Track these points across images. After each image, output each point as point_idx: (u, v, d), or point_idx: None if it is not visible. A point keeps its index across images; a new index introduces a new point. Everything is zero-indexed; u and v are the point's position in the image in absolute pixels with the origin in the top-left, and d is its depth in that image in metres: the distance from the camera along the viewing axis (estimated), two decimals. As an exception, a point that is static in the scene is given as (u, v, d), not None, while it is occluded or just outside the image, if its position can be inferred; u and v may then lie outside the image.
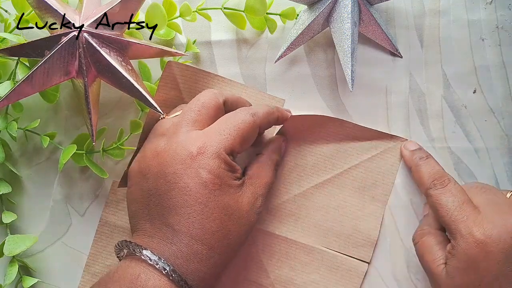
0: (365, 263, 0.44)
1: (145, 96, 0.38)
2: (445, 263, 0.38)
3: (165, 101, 0.42)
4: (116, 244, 0.37)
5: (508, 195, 0.40)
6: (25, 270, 0.45)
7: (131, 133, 0.43)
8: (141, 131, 0.42)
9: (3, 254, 0.41)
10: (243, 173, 0.39)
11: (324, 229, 0.44)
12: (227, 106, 0.40)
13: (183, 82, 0.43)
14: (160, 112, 0.38)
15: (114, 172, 0.45)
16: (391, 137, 0.45)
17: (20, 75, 0.41)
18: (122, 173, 0.44)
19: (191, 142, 0.36)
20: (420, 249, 0.41)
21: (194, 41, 0.45)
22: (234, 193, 0.37)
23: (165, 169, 0.36)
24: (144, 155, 0.38)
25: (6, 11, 0.43)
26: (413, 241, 0.43)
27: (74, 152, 0.41)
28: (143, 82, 0.43)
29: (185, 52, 0.44)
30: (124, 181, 0.43)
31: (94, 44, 0.38)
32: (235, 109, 0.40)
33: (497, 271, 0.36)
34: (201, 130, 0.37)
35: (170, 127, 0.38)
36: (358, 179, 0.44)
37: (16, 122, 0.42)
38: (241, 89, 0.44)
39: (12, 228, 0.44)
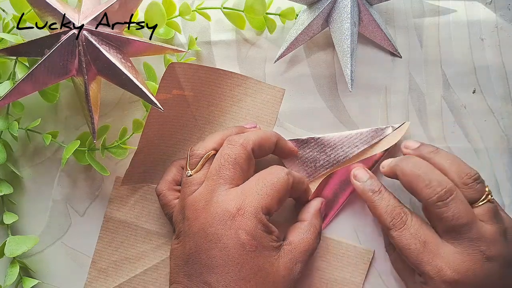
0: (370, 250, 0.44)
1: (145, 93, 0.38)
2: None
3: (166, 100, 0.42)
4: None
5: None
6: (25, 271, 0.44)
7: (133, 133, 0.43)
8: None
9: (3, 255, 0.41)
10: (284, 238, 0.39)
11: None
12: (255, 152, 0.40)
13: (186, 80, 0.43)
14: (160, 108, 0.38)
15: (115, 172, 0.45)
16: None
17: (19, 74, 0.41)
18: (123, 172, 0.44)
19: (230, 202, 0.37)
20: (394, 266, 0.43)
21: (196, 38, 0.45)
22: (269, 256, 0.37)
23: (206, 229, 0.37)
24: (185, 215, 0.39)
25: (3, 10, 0.43)
26: (387, 252, 0.44)
27: (76, 149, 0.41)
28: (148, 82, 0.43)
29: (187, 49, 0.44)
30: (127, 179, 0.44)
31: (94, 42, 0.38)
32: (263, 152, 0.41)
33: None
34: (237, 186, 0.38)
35: (206, 185, 0.38)
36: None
37: (18, 122, 0.42)
38: (241, 80, 0.45)
39: (11, 228, 0.44)
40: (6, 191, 0.43)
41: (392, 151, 0.44)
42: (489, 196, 0.39)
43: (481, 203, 0.39)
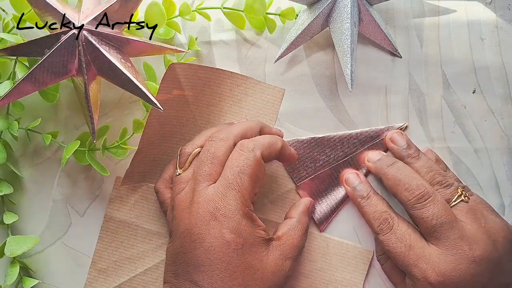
0: (370, 250, 0.44)
1: (145, 93, 0.38)
2: None
3: (167, 101, 0.42)
4: None
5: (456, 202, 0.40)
6: (25, 271, 0.44)
7: (133, 133, 0.43)
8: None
9: (3, 254, 0.41)
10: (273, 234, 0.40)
11: None
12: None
13: (186, 80, 0.43)
14: (160, 108, 0.38)
15: (115, 172, 0.45)
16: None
17: (19, 74, 0.41)
18: (123, 172, 0.44)
19: (209, 202, 0.37)
20: (386, 272, 0.43)
21: (196, 38, 0.45)
22: (258, 252, 0.37)
23: (191, 229, 0.37)
24: (174, 215, 0.39)
25: (3, 10, 0.43)
26: (378, 262, 0.44)
27: (76, 149, 0.41)
28: (148, 82, 0.43)
29: (188, 49, 0.44)
30: (127, 179, 0.44)
31: (94, 42, 0.38)
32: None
33: None
34: (214, 183, 0.38)
35: (190, 184, 0.39)
36: None
37: (18, 122, 0.42)
38: (241, 80, 0.45)
39: (11, 228, 0.44)
40: (6, 191, 0.43)
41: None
42: (462, 197, 0.40)
43: (453, 204, 0.40)
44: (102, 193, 0.45)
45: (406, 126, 0.45)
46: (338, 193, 0.45)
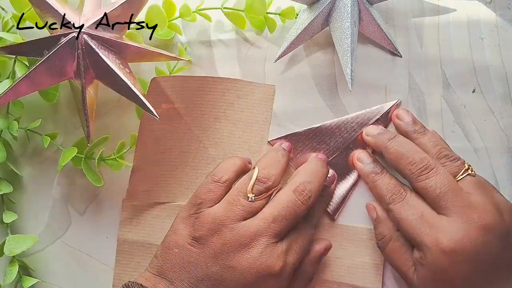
0: None
1: (141, 99, 0.38)
2: (415, 268, 0.40)
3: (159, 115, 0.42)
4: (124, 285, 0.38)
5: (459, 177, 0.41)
6: (24, 270, 0.44)
7: (130, 147, 0.43)
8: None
9: (3, 253, 0.41)
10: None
11: None
12: None
13: (174, 92, 0.43)
14: (156, 116, 0.38)
15: (112, 180, 0.45)
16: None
17: (19, 73, 0.41)
18: (120, 181, 0.44)
19: (275, 261, 0.38)
20: (388, 255, 0.42)
21: (186, 48, 0.44)
22: None
23: (246, 276, 0.38)
24: (222, 234, 0.38)
25: (3, 9, 0.43)
26: (379, 248, 0.43)
27: (74, 155, 0.41)
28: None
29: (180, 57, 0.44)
30: (130, 198, 0.44)
31: (93, 46, 0.38)
32: None
33: (466, 274, 0.37)
34: (282, 242, 0.39)
35: (257, 223, 0.39)
36: None
37: (17, 122, 0.42)
38: (231, 84, 0.45)
39: (11, 227, 0.44)
40: (6, 190, 0.43)
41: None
42: (469, 171, 0.41)
43: (460, 177, 0.40)
44: (102, 192, 0.45)
45: (400, 102, 0.45)
46: (347, 181, 0.45)
